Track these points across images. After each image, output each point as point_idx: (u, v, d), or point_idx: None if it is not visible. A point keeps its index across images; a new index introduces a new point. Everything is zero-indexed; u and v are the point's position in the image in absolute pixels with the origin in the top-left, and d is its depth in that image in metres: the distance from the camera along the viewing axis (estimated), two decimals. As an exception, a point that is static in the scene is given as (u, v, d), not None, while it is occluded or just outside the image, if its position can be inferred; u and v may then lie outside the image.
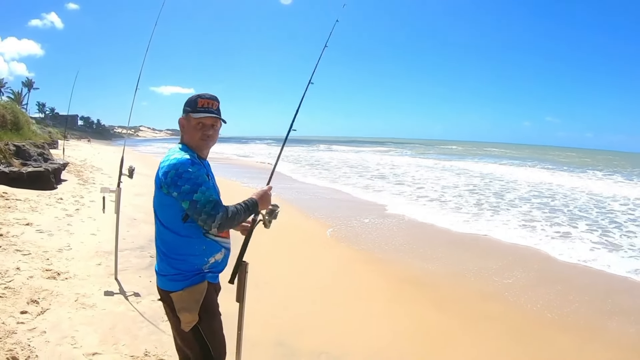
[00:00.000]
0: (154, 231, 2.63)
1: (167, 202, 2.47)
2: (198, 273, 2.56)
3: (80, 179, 15.37)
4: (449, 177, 24.75)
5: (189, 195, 2.38)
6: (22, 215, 8.46)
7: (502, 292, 6.46)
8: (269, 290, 5.86)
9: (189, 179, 2.40)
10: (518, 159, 49.32)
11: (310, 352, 4.46)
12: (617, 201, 16.87)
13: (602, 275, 7.52)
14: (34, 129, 23.29)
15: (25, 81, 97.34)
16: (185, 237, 2.50)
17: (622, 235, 10.80)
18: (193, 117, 2.63)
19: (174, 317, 2.57)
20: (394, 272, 7.24)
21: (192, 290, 2.53)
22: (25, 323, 4.29)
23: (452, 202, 15.26)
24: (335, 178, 22.42)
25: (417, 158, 43.92)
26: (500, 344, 4.93)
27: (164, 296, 2.58)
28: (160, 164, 2.54)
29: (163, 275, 2.56)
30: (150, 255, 6.98)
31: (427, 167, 31.69)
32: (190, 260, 2.53)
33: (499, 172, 28.82)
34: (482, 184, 21.09)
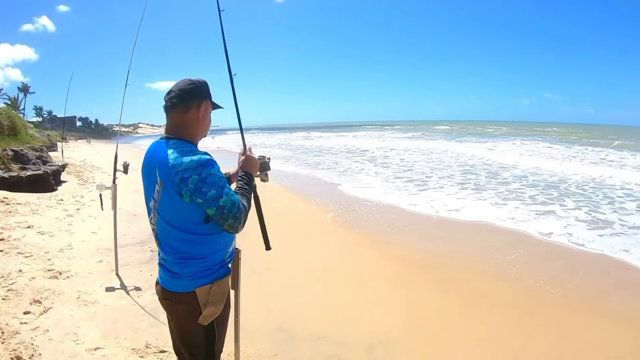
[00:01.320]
0: (156, 235, 2.46)
1: (185, 209, 2.27)
2: (223, 265, 2.48)
3: (80, 179, 15.42)
4: (437, 158, 24.57)
5: (215, 201, 2.21)
6: (23, 218, 8.52)
7: (504, 271, 6.45)
8: (268, 277, 5.91)
9: (213, 183, 2.21)
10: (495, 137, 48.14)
11: (310, 337, 4.49)
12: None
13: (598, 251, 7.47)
14: (31, 133, 23.27)
15: (21, 86, 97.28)
16: (209, 235, 2.35)
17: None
18: (211, 103, 2.54)
19: (187, 315, 2.41)
20: (395, 255, 7.24)
21: (222, 282, 2.45)
22: (29, 323, 4.35)
23: (441, 183, 15.29)
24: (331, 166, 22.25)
25: (404, 140, 42.71)
26: (504, 322, 4.92)
27: (180, 298, 2.38)
28: (159, 165, 2.30)
29: (183, 277, 2.37)
30: (150, 249, 7.05)
31: (415, 150, 31.09)
32: (215, 257, 2.42)
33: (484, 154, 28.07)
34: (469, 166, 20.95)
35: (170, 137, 2.40)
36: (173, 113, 2.42)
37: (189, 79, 2.45)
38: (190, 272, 2.36)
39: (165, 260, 2.44)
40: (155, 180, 2.32)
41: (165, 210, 2.33)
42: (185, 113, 2.41)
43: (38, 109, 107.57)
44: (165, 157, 2.27)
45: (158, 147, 2.39)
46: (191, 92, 2.42)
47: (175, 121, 2.43)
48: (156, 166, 2.32)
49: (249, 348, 4.08)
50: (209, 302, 2.38)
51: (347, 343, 4.39)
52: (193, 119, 2.43)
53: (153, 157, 2.39)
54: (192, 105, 2.41)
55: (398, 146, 33.93)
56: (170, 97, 2.41)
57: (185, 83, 2.43)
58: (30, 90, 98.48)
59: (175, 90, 2.41)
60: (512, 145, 33.63)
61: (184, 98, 2.40)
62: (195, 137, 2.47)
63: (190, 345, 2.51)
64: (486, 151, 27.39)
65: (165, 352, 3.99)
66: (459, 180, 15.42)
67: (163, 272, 2.48)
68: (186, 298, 2.37)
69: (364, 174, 17.90)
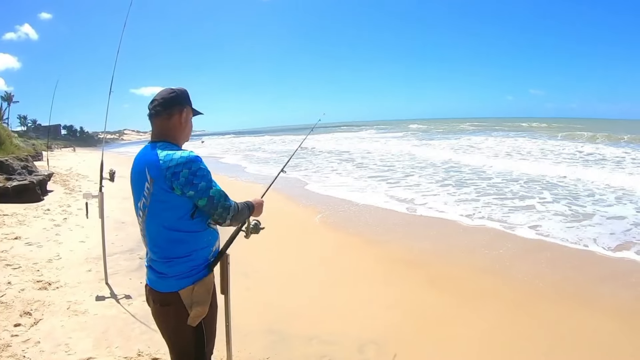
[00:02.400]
0: (144, 235, 2.55)
1: (175, 204, 2.39)
2: (207, 265, 2.55)
3: (66, 188, 15.31)
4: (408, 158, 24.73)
5: (206, 192, 2.38)
6: (10, 230, 8.47)
7: (493, 266, 6.50)
8: (258, 279, 5.91)
9: (203, 176, 2.39)
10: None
11: (301, 337, 4.50)
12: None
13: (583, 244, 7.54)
14: (16, 143, 23.14)
15: (5, 95, 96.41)
16: (193, 232, 2.47)
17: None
18: (192, 109, 2.68)
19: (175, 317, 2.47)
20: (384, 254, 7.25)
21: (204, 282, 2.51)
22: (20, 335, 4.34)
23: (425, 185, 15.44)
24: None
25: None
26: (495, 317, 4.94)
27: (167, 298, 2.47)
28: (148, 164, 2.41)
29: (169, 277, 2.46)
30: (139, 256, 7.03)
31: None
32: (199, 255, 2.50)
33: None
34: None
35: (156, 142, 2.52)
36: (157, 120, 2.55)
37: (171, 88, 2.60)
38: (175, 271, 2.45)
39: (153, 261, 2.53)
40: (145, 179, 2.41)
41: (155, 205, 2.42)
42: (169, 119, 2.55)
43: (22, 118, 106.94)
44: (155, 157, 2.40)
45: (146, 151, 2.52)
46: (173, 100, 2.56)
47: (160, 127, 2.56)
48: (145, 166, 2.42)
49: (242, 352, 4.10)
50: (194, 303, 2.46)
51: (338, 343, 4.40)
52: (176, 124, 2.58)
53: (142, 159, 2.50)
54: (174, 112, 2.56)
55: (368, 147, 33.87)
56: (154, 105, 2.55)
57: (167, 92, 2.57)
58: (14, 100, 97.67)
59: (159, 99, 2.55)
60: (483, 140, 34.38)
61: (167, 106, 2.54)
62: (179, 140, 2.60)
63: (180, 347, 2.56)
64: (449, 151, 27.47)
65: (157, 359, 4.00)
66: (439, 179, 15.51)
67: (151, 273, 2.56)
68: (173, 299, 2.45)
69: (336, 174, 18.11)
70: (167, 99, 2.55)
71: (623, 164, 18.10)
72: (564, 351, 4.26)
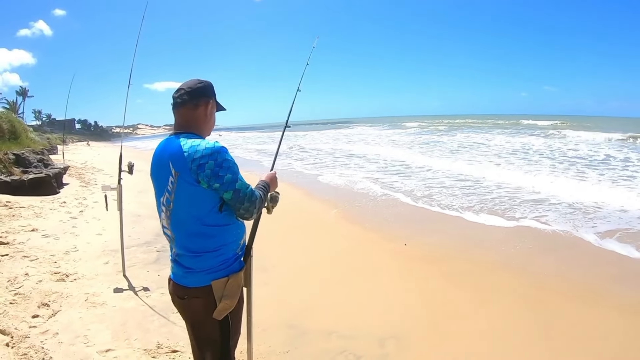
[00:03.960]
0: (169, 230, 2.46)
1: (202, 197, 2.32)
2: (236, 259, 2.52)
3: (82, 181, 15.41)
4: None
5: (232, 185, 2.31)
6: (26, 222, 8.50)
7: (509, 263, 6.41)
8: (277, 273, 5.88)
9: (229, 168, 2.31)
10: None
11: (321, 332, 4.46)
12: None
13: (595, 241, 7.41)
14: (32, 137, 23.26)
15: (20, 90, 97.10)
16: (222, 226, 2.40)
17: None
18: (216, 103, 2.64)
19: (203, 311, 2.43)
20: (402, 249, 7.17)
21: (237, 276, 2.48)
22: (38, 326, 4.33)
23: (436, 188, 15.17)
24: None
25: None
26: (512, 314, 4.86)
27: (195, 293, 2.41)
28: (172, 157, 2.35)
29: (197, 272, 2.40)
30: (156, 249, 7.05)
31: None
32: (228, 249, 2.45)
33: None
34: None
35: (179, 133, 2.45)
36: (182, 109, 2.49)
37: (198, 79, 2.56)
38: (204, 266, 2.38)
39: (179, 256, 2.46)
40: (169, 172, 2.34)
41: (181, 200, 2.35)
42: (195, 110, 2.49)
43: (37, 113, 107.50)
44: (179, 149, 2.33)
45: (169, 142, 2.43)
46: (200, 90, 2.51)
47: (184, 117, 2.50)
48: (169, 159, 2.35)
49: (261, 345, 4.06)
50: (224, 296, 2.40)
51: (358, 337, 4.35)
52: (201, 115, 2.52)
53: (164, 151, 2.42)
54: (200, 103, 2.50)
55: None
56: (180, 94, 2.48)
57: (194, 82, 2.53)
58: (28, 94, 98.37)
59: (185, 88, 2.49)
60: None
61: (194, 95, 2.48)
62: (203, 132, 2.53)
63: (205, 341, 2.53)
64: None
65: (177, 351, 3.96)
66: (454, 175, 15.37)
67: (177, 268, 2.49)
68: (201, 293, 2.39)
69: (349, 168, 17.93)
70: (195, 88, 2.51)
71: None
72: (580, 350, 4.16)
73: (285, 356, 4.03)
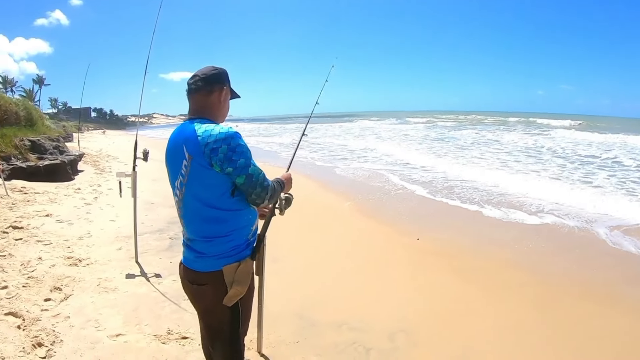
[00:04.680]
0: (181, 214, 2.49)
1: (214, 181, 2.33)
2: (248, 244, 2.53)
3: (96, 168, 15.52)
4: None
5: (244, 169, 2.32)
6: (41, 207, 8.58)
7: (524, 260, 6.34)
8: (287, 264, 5.86)
9: (242, 153, 2.32)
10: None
11: (331, 324, 4.43)
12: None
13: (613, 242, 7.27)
14: (47, 124, 23.40)
15: (36, 78, 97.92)
16: (234, 211, 2.41)
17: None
18: (230, 90, 2.66)
19: (212, 296, 2.44)
20: (414, 243, 7.11)
21: (247, 262, 2.50)
22: (49, 310, 4.36)
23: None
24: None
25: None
26: (523, 313, 4.79)
27: (205, 278, 2.43)
28: (186, 141, 2.35)
29: (209, 256, 2.41)
30: (169, 237, 7.07)
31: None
32: (240, 234, 2.46)
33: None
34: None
35: (194, 118, 2.47)
36: (197, 95, 2.51)
37: (213, 66, 2.59)
38: (216, 251, 2.40)
39: (191, 240, 2.48)
40: (183, 156, 2.35)
41: (194, 183, 2.36)
42: (209, 95, 2.51)
43: (53, 101, 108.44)
44: (193, 133, 2.34)
45: (184, 127, 2.45)
46: (215, 77, 2.54)
47: (198, 103, 2.51)
48: (183, 143, 2.36)
49: (271, 334, 4.04)
50: (235, 281, 2.42)
51: (368, 330, 4.32)
52: (215, 101, 2.53)
53: (179, 136, 2.44)
54: (215, 89, 2.52)
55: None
56: (195, 80, 2.51)
57: (209, 69, 2.56)
58: (45, 83, 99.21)
59: (200, 75, 2.52)
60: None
61: (208, 81, 2.51)
62: (217, 118, 2.54)
63: (215, 327, 2.56)
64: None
65: (187, 338, 3.96)
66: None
67: (188, 253, 2.51)
68: (211, 278, 2.41)
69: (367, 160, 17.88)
70: (209, 75, 2.53)
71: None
72: (591, 352, 4.09)
73: (295, 346, 4.01)
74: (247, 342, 3.48)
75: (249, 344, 3.73)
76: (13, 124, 15.64)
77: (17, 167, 11.61)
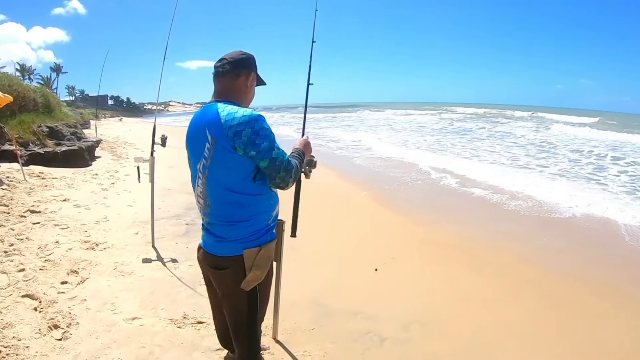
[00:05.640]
0: (203, 197, 2.48)
1: (237, 164, 2.33)
2: (268, 230, 2.53)
3: (114, 154, 15.61)
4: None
5: (268, 153, 2.31)
6: (59, 192, 8.65)
7: (538, 256, 6.24)
8: (305, 252, 5.82)
9: (266, 136, 2.31)
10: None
11: (347, 312, 4.40)
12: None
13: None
14: (65, 111, 23.57)
15: (54, 66, 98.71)
16: (255, 195, 2.41)
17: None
18: (257, 76, 2.66)
19: (231, 280, 2.46)
20: (431, 235, 7.05)
21: (268, 247, 2.50)
22: (66, 292, 4.38)
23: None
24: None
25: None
26: (537, 309, 4.71)
27: (225, 262, 2.44)
28: (209, 124, 2.35)
29: (229, 241, 2.42)
30: (186, 222, 7.08)
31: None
32: (261, 219, 2.47)
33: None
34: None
35: (218, 100, 2.48)
36: (223, 79, 2.52)
37: (241, 51, 2.60)
38: (236, 236, 2.40)
39: (211, 224, 2.49)
40: (205, 139, 2.35)
41: (216, 166, 2.36)
42: (235, 79, 2.52)
43: (70, 88, 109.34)
44: (216, 115, 2.33)
45: (207, 109, 2.45)
46: (242, 61, 2.55)
47: (224, 86, 2.52)
48: (205, 126, 2.36)
49: (287, 321, 4.02)
50: (254, 266, 2.43)
51: (383, 320, 4.28)
52: (241, 85, 2.55)
53: (201, 118, 2.44)
54: (242, 73, 2.53)
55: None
56: (223, 63, 2.52)
57: (237, 53, 2.57)
58: (62, 70, 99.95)
59: (228, 58, 2.52)
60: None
61: (236, 65, 2.52)
62: (242, 103, 2.53)
63: (233, 311, 2.58)
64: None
65: (202, 322, 3.95)
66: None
67: (208, 237, 2.52)
68: (231, 262, 2.42)
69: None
70: (237, 59, 2.53)
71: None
72: (606, 352, 4.00)
73: (310, 334, 3.99)
74: (263, 328, 3.46)
75: (265, 330, 3.71)
76: (31, 110, 15.80)
77: (35, 152, 11.74)
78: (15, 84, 16.69)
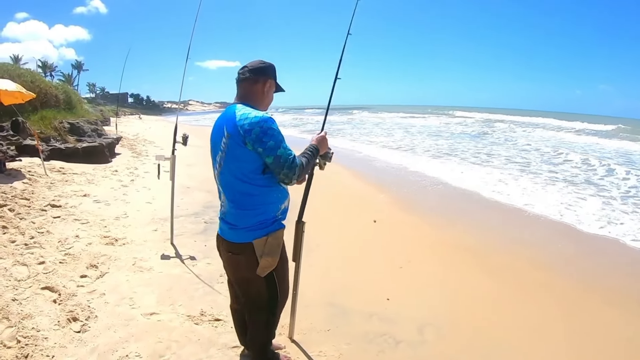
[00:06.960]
0: (219, 186, 2.81)
1: (247, 158, 2.60)
2: (275, 220, 2.77)
3: (133, 152, 15.77)
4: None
5: (273, 151, 2.56)
6: (79, 187, 8.76)
7: (551, 262, 6.18)
8: (320, 252, 5.83)
9: (272, 136, 2.56)
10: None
11: (362, 313, 4.40)
12: None
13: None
14: (86, 108, 23.82)
15: (75, 64, 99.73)
16: (263, 187, 2.67)
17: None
18: (275, 84, 2.94)
19: (246, 267, 2.74)
20: (447, 239, 7.01)
21: (275, 235, 2.74)
22: (85, 286, 4.46)
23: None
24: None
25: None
26: (549, 314, 4.67)
27: (238, 248, 2.73)
28: (227, 121, 2.65)
29: (240, 228, 2.70)
30: (204, 221, 7.13)
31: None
32: (268, 209, 2.72)
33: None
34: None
35: (238, 103, 2.79)
36: (243, 84, 2.84)
37: (261, 60, 2.91)
38: (245, 224, 2.70)
39: (225, 213, 2.81)
40: (223, 134, 2.67)
41: (229, 158, 2.67)
42: (253, 85, 2.83)
43: (91, 86, 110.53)
44: (233, 115, 2.65)
45: (228, 109, 2.78)
46: (261, 69, 2.86)
47: (244, 90, 2.84)
48: (224, 123, 2.68)
49: (303, 321, 4.02)
50: (265, 253, 2.71)
51: (398, 322, 4.27)
52: (259, 90, 2.85)
53: (223, 117, 2.77)
54: (259, 80, 2.84)
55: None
56: (244, 71, 2.84)
57: (257, 62, 2.89)
58: (83, 68, 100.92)
59: (249, 66, 2.85)
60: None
61: (255, 72, 2.83)
62: (258, 106, 2.82)
63: (252, 297, 2.90)
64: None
65: (220, 320, 3.98)
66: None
67: (223, 224, 2.83)
68: (244, 249, 2.71)
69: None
70: (256, 67, 2.84)
71: None
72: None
73: (326, 334, 3.99)
74: (279, 328, 3.48)
75: (281, 329, 3.72)
76: (53, 106, 16.00)
77: (55, 148, 11.90)
78: (37, 80, 16.93)
